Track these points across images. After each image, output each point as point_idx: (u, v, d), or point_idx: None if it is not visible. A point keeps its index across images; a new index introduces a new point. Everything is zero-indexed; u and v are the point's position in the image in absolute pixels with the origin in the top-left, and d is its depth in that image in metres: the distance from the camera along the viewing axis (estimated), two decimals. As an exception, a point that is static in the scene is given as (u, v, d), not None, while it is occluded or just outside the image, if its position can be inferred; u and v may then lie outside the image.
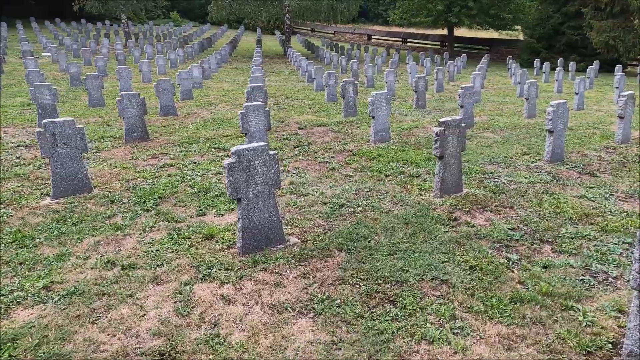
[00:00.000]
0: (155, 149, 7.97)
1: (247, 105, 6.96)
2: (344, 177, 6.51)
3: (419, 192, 5.88)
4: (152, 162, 7.26)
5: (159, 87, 10.91)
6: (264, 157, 4.17)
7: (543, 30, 26.45)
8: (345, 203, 5.44)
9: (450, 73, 19.57)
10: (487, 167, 7.02)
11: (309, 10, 27.54)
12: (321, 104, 13.21)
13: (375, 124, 8.51)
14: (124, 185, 6.06)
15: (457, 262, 4.02)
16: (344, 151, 7.98)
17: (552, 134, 7.15)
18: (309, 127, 10.00)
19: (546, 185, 6.17)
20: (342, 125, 10.25)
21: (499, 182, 6.27)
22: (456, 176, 5.82)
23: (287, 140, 8.79)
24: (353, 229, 4.70)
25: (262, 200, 4.25)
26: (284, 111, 11.94)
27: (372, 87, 16.99)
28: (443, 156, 5.63)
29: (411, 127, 10.08)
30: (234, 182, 4.03)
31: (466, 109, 9.89)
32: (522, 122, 10.76)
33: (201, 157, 7.55)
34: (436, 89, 16.11)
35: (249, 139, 7.05)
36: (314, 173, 6.70)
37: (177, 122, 10.44)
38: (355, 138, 8.97)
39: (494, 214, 5.20)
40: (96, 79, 12.13)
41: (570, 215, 5.13)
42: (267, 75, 20.69)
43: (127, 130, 8.45)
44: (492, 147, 8.30)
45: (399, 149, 8.02)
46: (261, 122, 7.11)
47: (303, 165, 7.13)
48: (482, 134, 9.39)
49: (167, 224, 4.85)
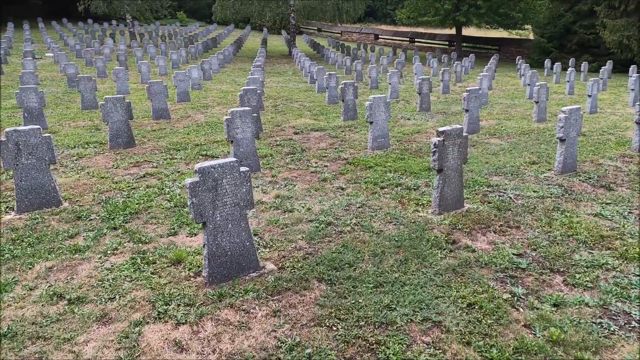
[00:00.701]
0: (139, 156, 7.50)
1: (234, 110, 6.44)
2: (336, 189, 5.97)
3: (415, 208, 5.31)
4: (133, 171, 6.78)
5: (151, 89, 10.45)
6: (233, 175, 3.65)
7: (554, 30, 25.60)
8: (332, 221, 4.90)
9: (458, 74, 18.90)
10: (492, 179, 6.42)
11: (315, 10, 26.96)
12: (321, 106, 12.67)
13: (373, 130, 7.95)
14: (96, 199, 5.58)
15: (453, 298, 3.46)
16: (339, 159, 7.43)
17: (564, 143, 6.54)
18: (305, 132, 9.47)
19: (557, 201, 5.57)
20: (341, 129, 9.70)
21: (505, 197, 5.68)
22: (457, 191, 5.25)
23: (280, 146, 8.26)
24: (338, 253, 4.15)
25: (231, 224, 3.72)
26: (281, 114, 11.42)
27: (376, 89, 16.40)
28: (442, 169, 5.07)
29: (413, 131, 9.50)
30: (198, 205, 3.51)
31: (471, 114, 9.29)
32: (531, 126, 10.12)
33: (186, 166, 7.06)
34: (442, 91, 15.48)
35: (235, 147, 6.53)
36: (303, 185, 6.16)
37: (169, 126, 9.97)
38: (352, 144, 8.42)
39: (498, 236, 4.62)
40: (89, 81, 11.72)
41: (585, 237, 4.53)
42: (270, 75, 20.19)
43: (111, 135, 7.98)
44: (499, 155, 7.70)
45: (398, 157, 7.46)
46: (249, 128, 6.59)
47: (293, 175, 6.59)
48: (488, 140, 8.78)
49: (132, 246, 4.34)
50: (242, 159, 6.61)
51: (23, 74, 12.91)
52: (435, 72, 20.87)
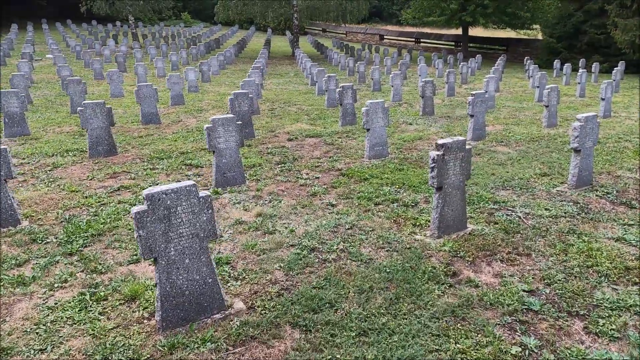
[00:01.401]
0: (118, 166, 6.95)
1: (215, 118, 5.86)
2: (325, 206, 5.37)
3: (412, 230, 4.70)
4: (108, 183, 6.22)
5: (140, 93, 9.92)
6: (190, 201, 3.06)
7: (563, 29, 24.77)
8: (317, 246, 4.30)
9: (463, 75, 18.20)
10: (499, 194, 5.78)
11: (318, 10, 26.34)
12: (320, 109, 12.07)
13: (370, 138, 7.34)
14: (60, 217, 5.03)
15: (451, 353, 2.85)
16: (333, 170, 6.82)
17: (579, 154, 5.88)
18: (300, 138, 8.87)
19: (572, 221, 4.92)
20: (338, 136, 9.09)
21: (513, 216, 5.04)
22: (459, 211, 4.62)
23: (270, 154, 7.68)
24: (318, 289, 3.55)
25: (189, 258, 3.14)
26: (277, 119, 10.84)
27: (378, 91, 15.77)
28: (442, 187, 4.44)
29: (414, 138, 8.86)
30: (146, 238, 2.93)
31: (477, 119, 8.64)
32: (541, 132, 9.43)
33: (166, 177, 6.49)
34: (447, 93, 14.80)
35: (217, 158, 5.96)
36: (290, 200, 5.57)
37: (157, 131, 9.43)
38: (348, 152, 7.81)
39: (506, 266, 3.99)
40: (78, 84, 11.22)
41: (607, 269, 3.89)
42: (271, 77, 19.63)
43: (91, 143, 7.45)
44: (506, 165, 7.05)
45: (396, 168, 6.84)
46: (232, 137, 6.01)
47: (280, 188, 6.00)
48: (495, 148, 8.12)
49: (84, 278, 3.78)
50: (226, 170, 6.03)
51: (13, 77, 12.45)
52: (441, 73, 20.17)
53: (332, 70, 22.68)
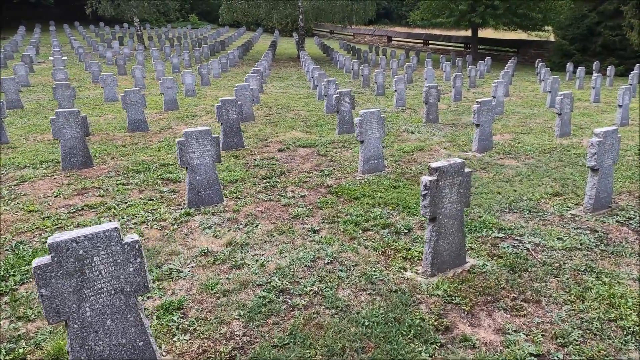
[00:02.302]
0: (90, 180, 6.38)
1: (188, 131, 5.25)
2: (306, 232, 4.72)
3: (402, 265, 4.03)
4: (74, 201, 5.65)
5: (126, 98, 9.37)
6: (111, 249, 2.44)
7: (577, 31, 23.81)
8: (288, 287, 3.66)
9: (472, 79, 17.41)
10: (505, 218, 5.08)
11: (323, 11, 25.68)
12: (318, 115, 11.43)
13: (364, 151, 6.67)
14: (7, 244, 4.45)
15: None
16: (321, 187, 6.17)
17: (597, 173, 5.15)
18: (292, 148, 8.24)
19: (590, 255, 4.21)
20: (333, 145, 8.44)
21: (521, 248, 4.35)
22: (456, 244, 3.94)
23: (257, 167, 7.05)
24: (279, 348, 2.91)
25: (112, 319, 2.51)
26: (272, 126, 10.22)
27: (382, 95, 15.08)
28: (436, 218, 3.77)
29: (415, 148, 8.17)
30: (51, 297, 2.32)
31: (483, 129, 7.92)
32: (553, 142, 8.68)
33: (139, 194, 5.90)
34: (453, 98, 14.06)
35: (190, 175, 5.34)
36: (268, 224, 4.93)
37: (143, 140, 8.87)
38: (342, 165, 7.15)
39: (510, 316, 3.31)
40: (67, 89, 10.73)
41: (633, 324, 3.19)
42: (273, 80, 19.04)
43: (64, 155, 6.89)
44: (514, 182, 6.33)
45: (392, 185, 6.16)
46: (207, 152, 5.40)
47: (260, 209, 5.37)
48: (503, 161, 7.40)
49: (6, 328, 3.18)
50: (200, 188, 5.42)
51: (3, 80, 12.04)
52: (448, 76, 19.39)
53: (337, 73, 22.03)
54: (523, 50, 29.13)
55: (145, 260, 2.55)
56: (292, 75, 20.97)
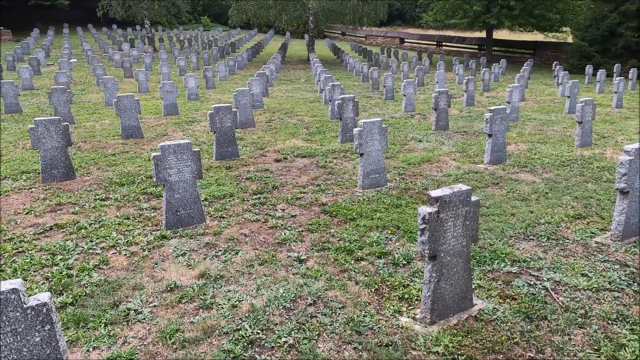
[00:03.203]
0: (68, 195, 5.90)
1: (165, 145, 4.72)
2: (291, 262, 4.13)
3: (397, 307, 3.42)
4: (45, 219, 5.16)
5: (119, 104, 8.92)
6: (8, 315, 1.89)
7: (597, 32, 22.75)
8: (259, 337, 3.08)
9: (485, 82, 16.63)
10: (519, 246, 4.43)
11: (333, 13, 25.06)
12: (322, 122, 10.85)
13: (364, 164, 6.06)
14: (-44, 271, 3.97)
15: None
16: (315, 204, 5.58)
17: (627, 196, 4.46)
18: (289, 159, 7.67)
19: (621, 299, 3.54)
20: (334, 155, 7.85)
21: (539, 288, 3.69)
22: (460, 285, 3.32)
23: (249, 181, 6.49)
24: None
25: (11, 403, 1.97)
26: (272, 133, 9.66)
27: (391, 99, 14.42)
28: (437, 256, 3.16)
29: (422, 160, 7.53)
30: None
31: (496, 139, 7.24)
32: (573, 153, 7.94)
33: (116, 211, 5.39)
34: (466, 102, 13.33)
35: (168, 193, 4.81)
36: (250, 250, 4.36)
37: (135, 148, 8.39)
38: (341, 179, 6.56)
39: (526, 384, 2.68)
40: (63, 93, 10.33)
41: (682, 400, 2.53)
42: (280, 83, 18.51)
43: (44, 166, 6.43)
44: (530, 201, 5.65)
45: (393, 202, 5.54)
46: (187, 168, 4.86)
47: (244, 231, 4.80)
48: (517, 175, 6.71)
49: None
50: (179, 207, 4.88)
51: (2, 84, 11.73)
52: (461, 79, 18.62)
53: (347, 75, 21.42)
54: (539, 52, 28.10)
55: (57, 325, 1.99)
56: (301, 78, 20.43)
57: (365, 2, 24.71)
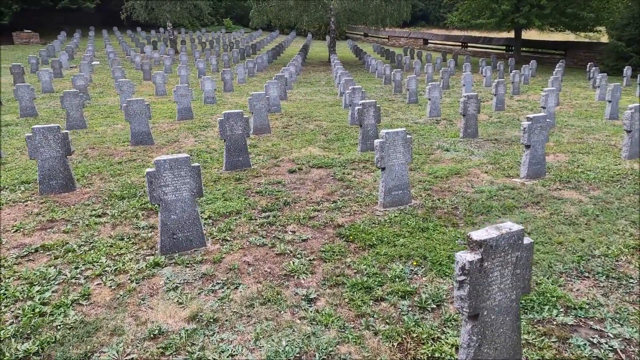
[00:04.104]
0: (64, 209, 5.41)
1: (160, 160, 4.15)
2: (298, 302, 3.49)
3: (426, 371, 2.74)
4: (33, 238, 4.67)
5: (128, 109, 8.47)
6: None
7: (635, 31, 21.33)
8: (252, 411, 2.44)
9: (515, 84, 15.63)
10: (572, 287, 3.67)
11: (355, 14, 24.34)
12: (341, 127, 10.19)
13: (385, 179, 5.37)
14: None
15: None
16: (330, 225, 4.93)
17: None
18: (304, 170, 7.03)
19: None
20: (353, 166, 7.18)
21: (604, 349, 2.94)
22: (507, 349, 2.60)
23: (259, 195, 5.89)
24: None
25: None
26: (288, 139, 9.06)
27: (414, 103, 13.64)
28: (479, 315, 2.46)
29: (450, 172, 6.77)
30: None
31: (535, 151, 6.43)
32: (621, 166, 7.04)
33: (111, 230, 4.86)
34: (495, 107, 12.44)
35: (163, 213, 4.23)
36: (252, 284, 3.74)
37: (143, 155, 7.92)
38: (360, 194, 5.88)
39: None
40: (75, 97, 10.00)
41: None
42: (300, 85, 17.93)
43: (42, 177, 5.97)
44: (579, 225, 4.85)
45: (419, 225, 4.83)
46: (185, 186, 4.28)
47: (248, 259, 4.19)
48: (560, 193, 5.89)
49: None
50: (176, 230, 4.30)
51: (17, 88, 11.52)
52: (489, 82, 17.64)
53: (369, 78, 20.68)
54: (571, 53, 26.68)
55: None
56: (321, 80, 19.80)
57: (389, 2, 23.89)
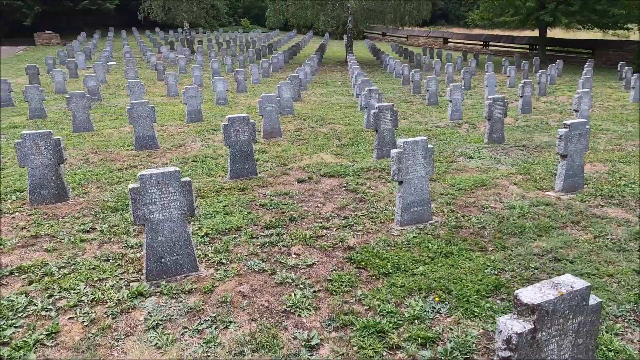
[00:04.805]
0: (51, 222, 4.96)
1: (145, 175, 3.62)
2: (297, 348, 2.91)
3: None
4: (11, 257, 4.21)
5: (132, 112, 8.04)
6: None
7: (669, 29, 20.08)
8: None
9: (542, 85, 14.74)
10: (632, 336, 2.99)
11: (374, 12, 23.61)
12: (357, 131, 9.58)
13: (403, 194, 4.75)
14: None
15: None
16: (339, 248, 4.33)
17: None
18: (314, 179, 6.45)
19: None
20: (367, 175, 6.57)
21: None
22: None
23: (264, 208, 5.33)
24: None
25: None
26: (299, 144, 8.49)
27: (434, 105, 12.91)
28: (528, 399, 1.83)
29: (475, 183, 6.10)
30: None
31: (572, 161, 5.70)
32: (669, 178, 6.25)
33: (97, 249, 4.37)
34: (521, 109, 11.64)
35: (150, 235, 3.71)
36: (245, 323, 3.18)
37: (146, 161, 7.47)
38: (374, 208, 5.27)
39: None
40: (82, 99, 9.64)
41: None
42: (315, 86, 17.36)
43: (32, 186, 5.54)
44: (630, 252, 4.14)
45: (441, 250, 4.20)
46: (174, 203, 3.74)
47: (243, 289, 3.63)
48: (603, 210, 5.16)
49: None
50: (164, 253, 3.77)
51: (27, 89, 11.25)
52: (513, 82, 16.75)
53: (386, 78, 19.98)
54: (599, 52, 25.40)
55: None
56: (337, 80, 19.18)
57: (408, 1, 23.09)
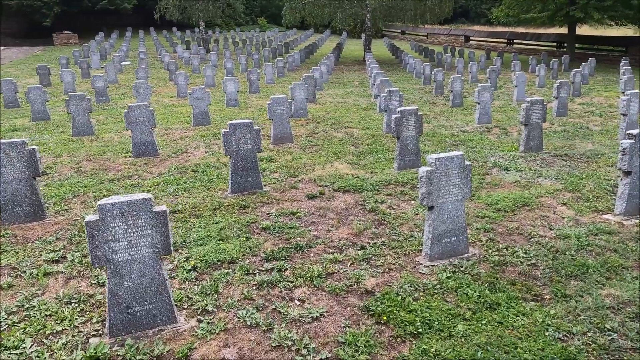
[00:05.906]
0: (17, 249, 4.21)
1: (105, 204, 2.80)
2: None
3: None
4: (-44, 297, 3.46)
5: (130, 116, 7.29)
6: None
7: None
8: None
9: (576, 85, 13.52)
10: None
11: (393, 10, 22.52)
12: (375, 136, 8.66)
13: (434, 222, 3.82)
14: None
15: None
16: (354, 292, 3.44)
17: None
18: (327, 194, 5.57)
19: None
20: (388, 190, 5.64)
21: None
22: None
23: (266, 232, 4.48)
24: None
25: None
26: (311, 151, 7.62)
27: (459, 107, 11.88)
28: None
29: (516, 203, 5.11)
30: None
31: (637, 178, 4.67)
32: None
33: (62, 286, 3.59)
34: (556, 112, 10.53)
35: (113, 279, 2.89)
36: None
37: (142, 170, 6.71)
38: (396, 235, 4.36)
39: None
40: (81, 101, 8.96)
41: None
42: (332, 86, 16.46)
43: (4, 203, 4.80)
44: None
45: (485, 297, 3.26)
46: (144, 240, 2.91)
47: (227, 354, 2.77)
48: (681, 242, 4.14)
49: None
50: (130, 302, 2.95)
51: (29, 90, 10.67)
52: (542, 82, 15.53)
53: (406, 78, 18.92)
54: (633, 49, 23.77)
55: None
56: (354, 80, 18.23)
57: (428, -3, 21.97)
